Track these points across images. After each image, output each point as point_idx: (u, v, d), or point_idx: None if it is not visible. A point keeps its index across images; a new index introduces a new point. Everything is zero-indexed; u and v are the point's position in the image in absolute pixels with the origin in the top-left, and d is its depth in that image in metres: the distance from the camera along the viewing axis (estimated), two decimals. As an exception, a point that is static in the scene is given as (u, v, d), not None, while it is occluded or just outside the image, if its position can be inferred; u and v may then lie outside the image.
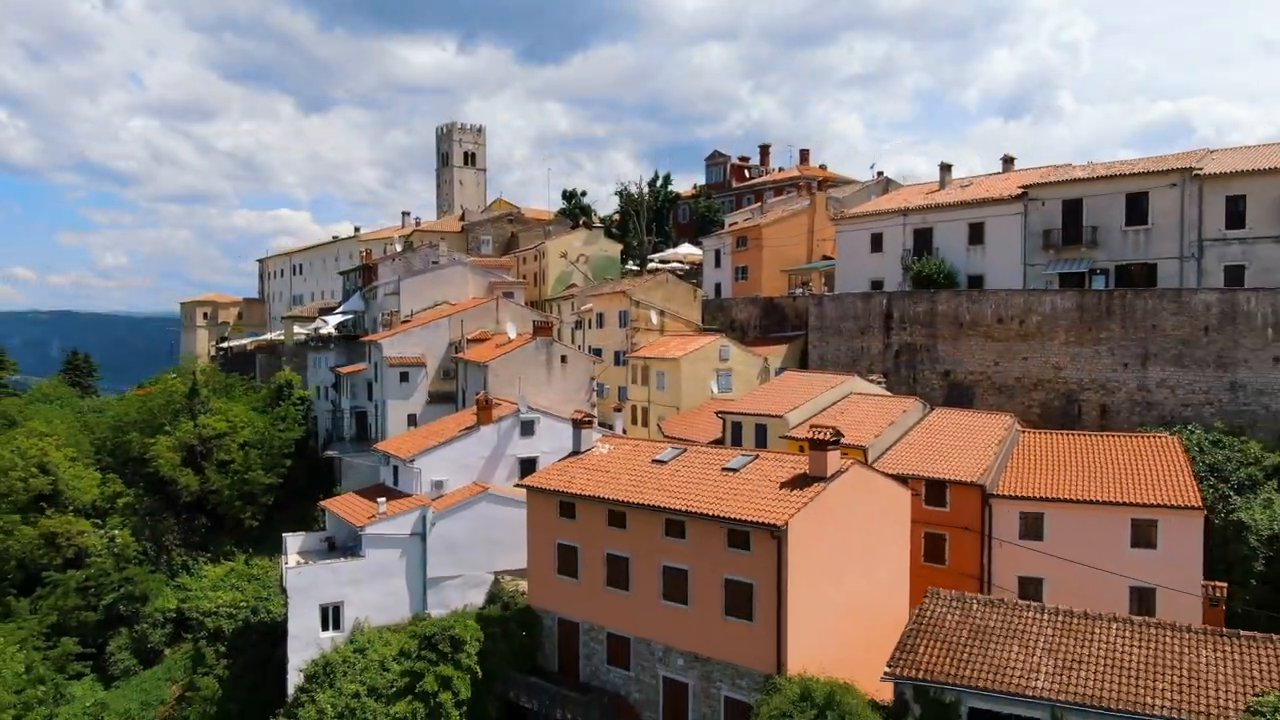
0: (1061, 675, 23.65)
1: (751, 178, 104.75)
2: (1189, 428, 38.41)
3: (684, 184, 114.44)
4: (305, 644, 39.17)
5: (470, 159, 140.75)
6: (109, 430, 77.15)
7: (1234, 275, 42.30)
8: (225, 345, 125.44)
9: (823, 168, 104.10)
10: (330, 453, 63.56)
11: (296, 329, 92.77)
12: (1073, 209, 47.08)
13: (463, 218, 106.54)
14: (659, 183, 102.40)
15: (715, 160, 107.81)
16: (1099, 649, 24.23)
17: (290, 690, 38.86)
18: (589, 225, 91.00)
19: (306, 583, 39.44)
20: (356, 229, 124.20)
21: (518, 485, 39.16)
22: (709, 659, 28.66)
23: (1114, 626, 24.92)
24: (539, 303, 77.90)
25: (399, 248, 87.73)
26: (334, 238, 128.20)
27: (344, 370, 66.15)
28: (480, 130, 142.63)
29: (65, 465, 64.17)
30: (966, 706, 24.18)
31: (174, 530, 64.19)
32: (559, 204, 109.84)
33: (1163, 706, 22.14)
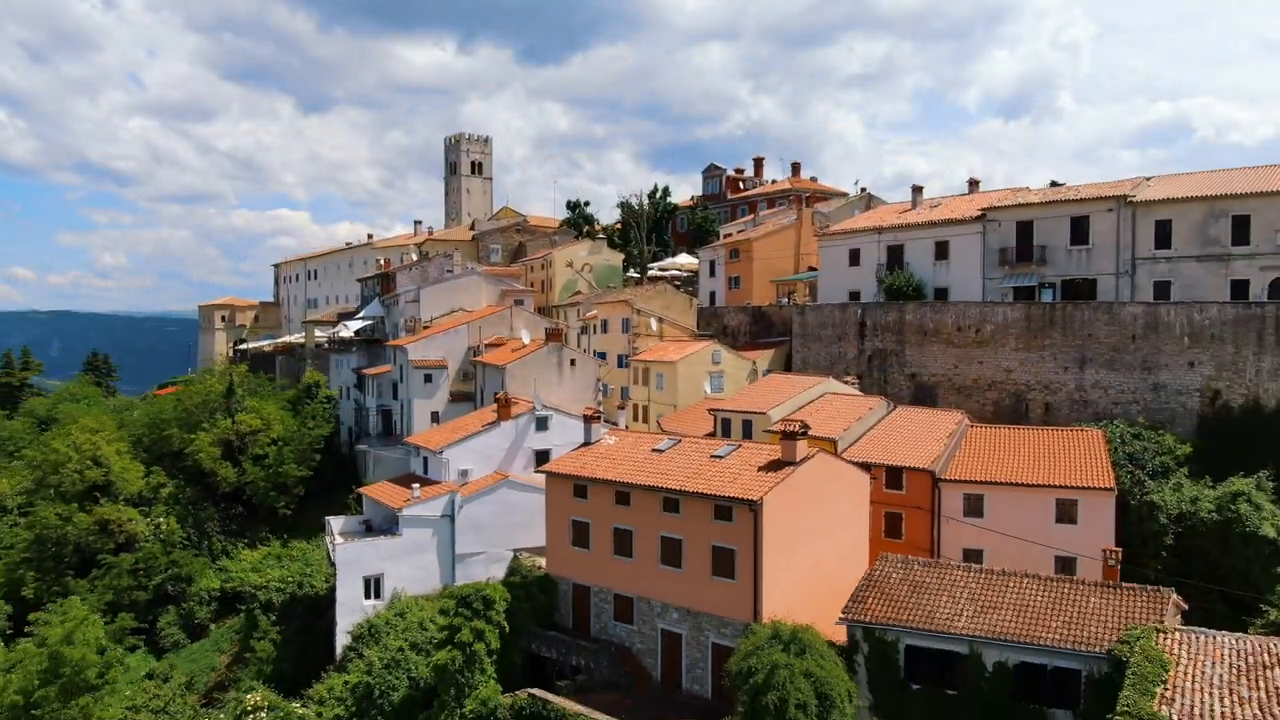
0: (978, 618, 29.64)
1: (746, 189, 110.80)
2: (1115, 423, 44.42)
3: (683, 183, 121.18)
4: (351, 610, 45.28)
5: (477, 168, 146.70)
6: (144, 427, 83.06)
7: (1161, 290, 48.33)
8: (243, 347, 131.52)
9: (813, 179, 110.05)
10: (361, 446, 69.33)
11: (317, 333, 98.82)
12: (1025, 229, 53.13)
13: (473, 227, 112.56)
14: (658, 194, 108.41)
15: (712, 172, 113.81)
16: (1010, 597, 30.23)
17: (338, 650, 44.92)
18: (593, 236, 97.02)
19: (352, 557, 45.51)
20: (370, 236, 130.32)
21: (538, 471, 45.09)
22: (699, 612, 34.65)
23: (1024, 581, 30.93)
24: (547, 309, 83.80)
25: (414, 256, 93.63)
26: (347, 244, 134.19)
27: (369, 371, 72.05)
28: (487, 140, 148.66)
29: (115, 459, 70.04)
30: (904, 644, 30.15)
31: (214, 518, 70.11)
32: (559, 203, 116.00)
33: (1054, 639, 28.14)
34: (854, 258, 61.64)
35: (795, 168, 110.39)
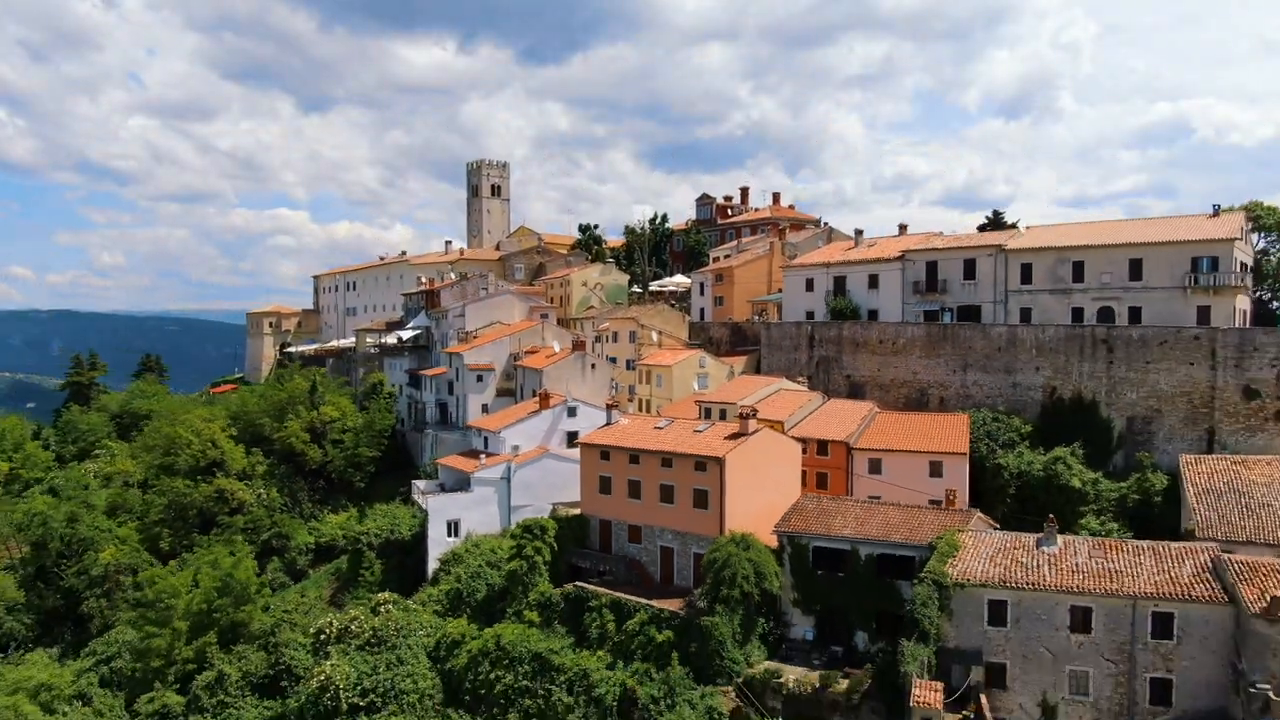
0: (857, 529, 47.51)
1: (733, 215, 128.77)
2: (983, 410, 62.31)
3: (682, 183, 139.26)
4: (438, 544, 63.18)
5: (496, 190, 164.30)
6: (227, 418, 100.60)
7: (1025, 314, 66.30)
8: (289, 350, 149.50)
9: (791, 207, 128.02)
10: (419, 432, 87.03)
11: (368, 339, 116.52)
12: (932, 267, 71.13)
13: (498, 247, 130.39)
14: (658, 220, 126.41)
15: (704, 200, 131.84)
16: (877, 517, 48.16)
17: (430, 572, 62.74)
18: (602, 258, 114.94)
19: (440, 507, 63.47)
20: (403, 253, 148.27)
21: (570, 447, 63.03)
22: (685, 533, 52.54)
23: (886, 508, 48.94)
24: (564, 321, 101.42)
25: (453, 276, 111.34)
26: (381, 258, 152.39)
27: (427, 373, 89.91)
28: (505, 165, 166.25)
29: (226, 442, 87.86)
30: (812, 545, 48.00)
31: (304, 489, 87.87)
32: (559, 202, 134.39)
33: (899, 538, 46.02)
34: (809, 285, 79.59)
35: (776, 197, 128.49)
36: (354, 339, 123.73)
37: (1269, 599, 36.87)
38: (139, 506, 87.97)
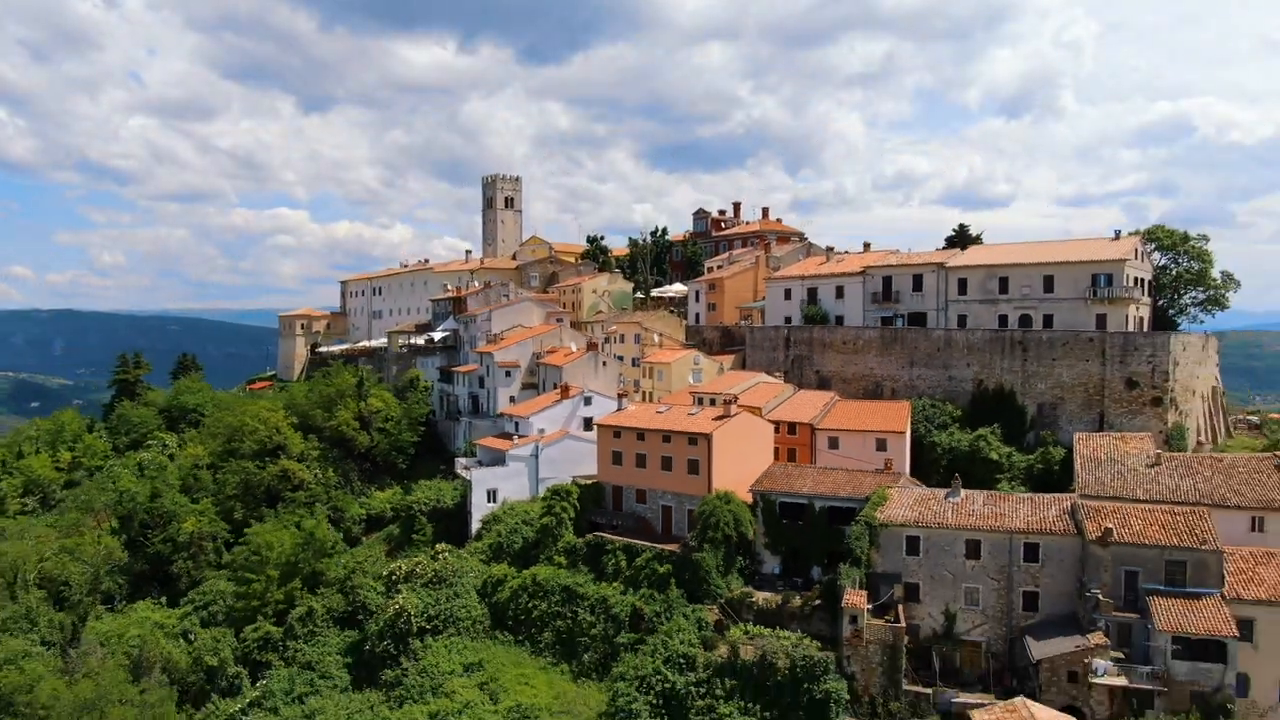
0: (814, 487, 61.66)
1: (726, 229, 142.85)
2: (923, 399, 76.43)
3: (683, 182, 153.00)
4: (479, 508, 77.27)
5: (509, 202, 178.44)
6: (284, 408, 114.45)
7: (961, 321, 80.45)
8: (319, 350, 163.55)
9: (778, 221, 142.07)
10: (462, 419, 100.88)
11: (399, 340, 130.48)
12: (888, 280, 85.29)
13: (514, 256, 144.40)
14: (659, 233, 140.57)
15: (700, 214, 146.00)
16: (829, 478, 62.30)
17: (473, 531, 76.82)
18: (609, 268, 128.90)
19: (481, 478, 77.57)
20: (425, 261, 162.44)
21: (588, 428, 77.09)
22: (680, 493, 66.67)
23: (834, 473, 63.08)
24: (577, 324, 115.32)
25: (477, 284, 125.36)
26: (402, 264, 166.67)
27: (460, 369, 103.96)
28: (517, 179, 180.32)
29: (287, 429, 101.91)
30: (779, 500, 62.13)
31: (353, 470, 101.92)
32: (559, 201, 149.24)
33: (845, 494, 60.13)
34: (787, 294, 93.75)
35: (765, 212, 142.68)
36: (385, 339, 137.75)
37: (1102, 530, 51.06)
38: (211, 485, 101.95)
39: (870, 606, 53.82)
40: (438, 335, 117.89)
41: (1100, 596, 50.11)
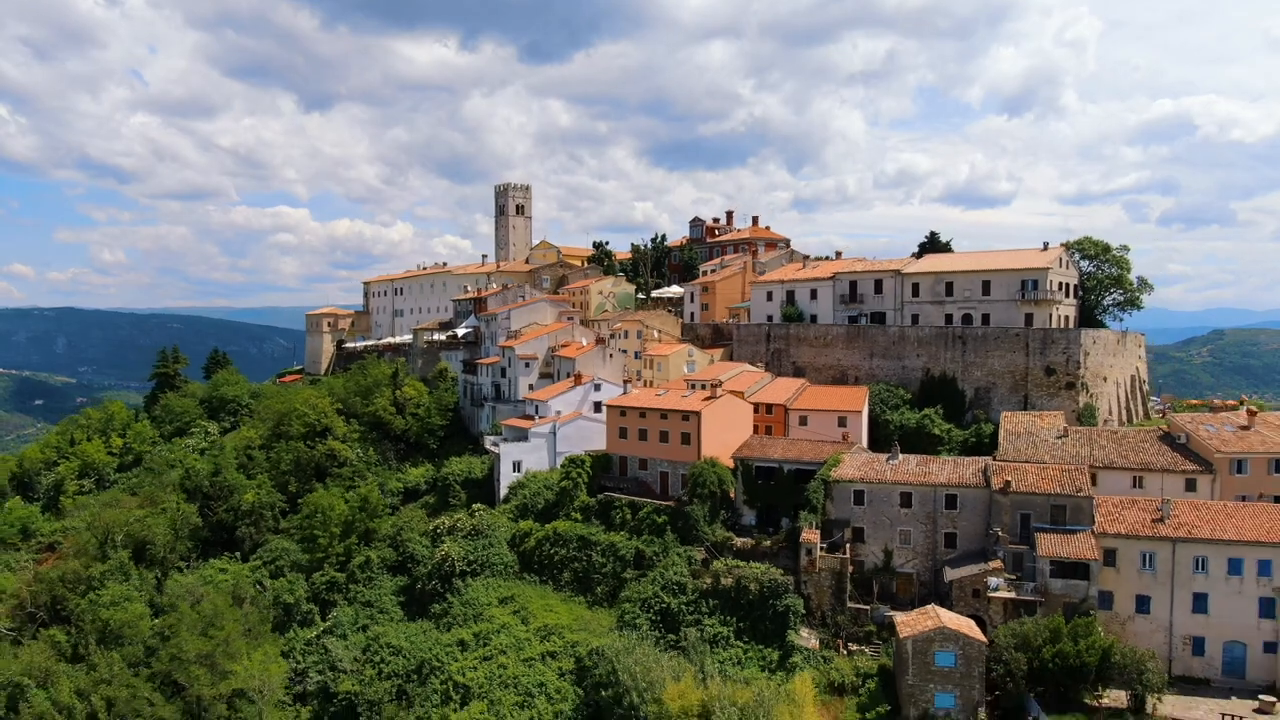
0: (784, 454, 76.04)
1: (719, 235, 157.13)
2: (880, 384, 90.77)
3: (684, 180, 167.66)
4: (507, 477, 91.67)
5: (520, 209, 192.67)
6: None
7: (914, 319, 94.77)
8: (345, 346, 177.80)
9: (767, 228, 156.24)
10: (486, 404, 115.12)
11: (424, 337, 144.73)
12: (853, 284, 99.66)
13: (528, 260, 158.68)
14: (659, 239, 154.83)
15: (695, 222, 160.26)
16: (795, 446, 76.68)
17: (502, 495, 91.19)
18: (613, 271, 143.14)
19: (508, 451, 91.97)
20: (443, 264, 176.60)
21: (598, 411, 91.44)
22: (675, 460, 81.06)
23: (799, 441, 77.47)
24: (585, 321, 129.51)
25: (495, 285, 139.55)
26: (419, 266, 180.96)
27: (483, 361, 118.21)
28: (527, 188, 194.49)
29: (332, 414, 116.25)
30: (755, 465, 76.49)
31: (390, 449, 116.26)
32: (560, 199, 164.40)
33: (808, 459, 74.50)
34: (769, 296, 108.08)
35: (755, 220, 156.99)
36: (410, 336, 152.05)
37: (1004, 482, 65.42)
38: (265, 463, 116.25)
39: (824, 544, 68.22)
40: (461, 331, 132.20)
41: (1001, 533, 64.50)
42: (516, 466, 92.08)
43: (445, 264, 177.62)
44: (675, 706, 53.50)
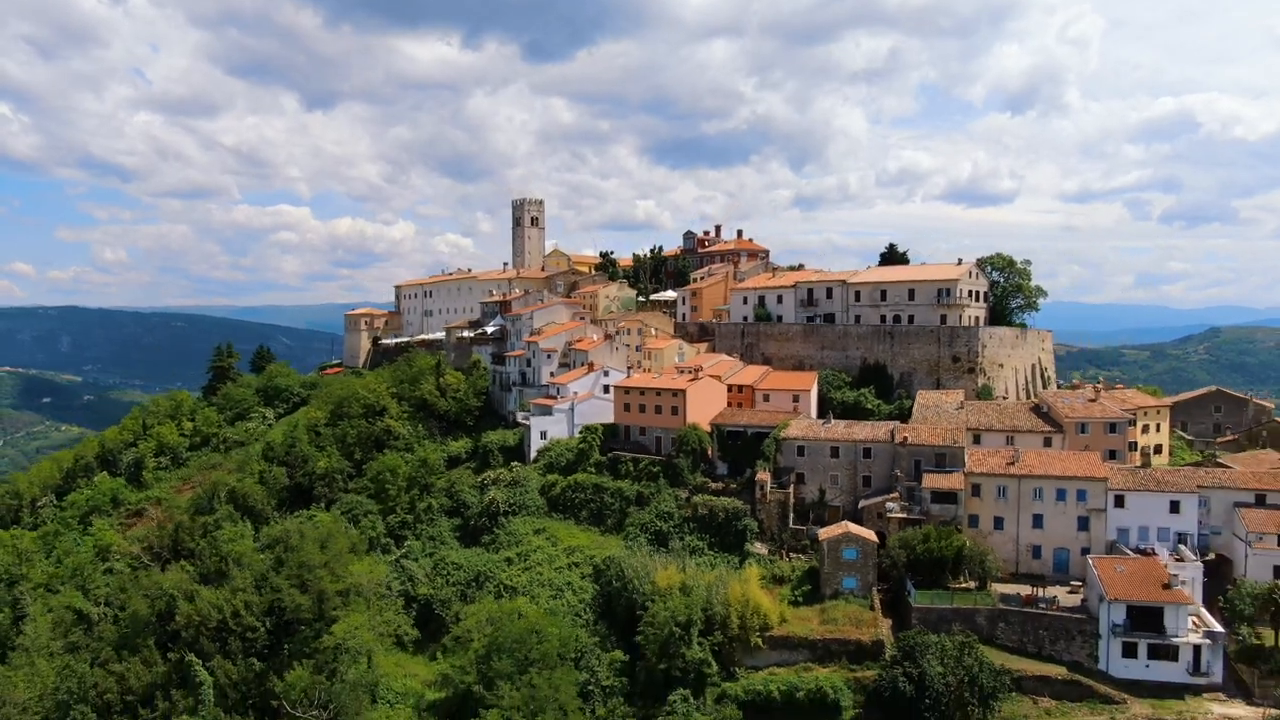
0: (748, 420, 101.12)
1: (709, 246, 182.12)
2: (828, 370, 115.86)
3: (686, 179, 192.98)
4: (536, 442, 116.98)
5: (534, 221, 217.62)
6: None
7: (857, 319, 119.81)
8: (381, 343, 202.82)
9: (750, 240, 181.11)
10: (513, 388, 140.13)
11: (456, 334, 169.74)
12: (810, 291, 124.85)
13: (543, 268, 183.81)
14: (657, 250, 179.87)
15: (688, 235, 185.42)
16: (758, 414, 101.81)
17: (532, 457, 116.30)
18: (616, 278, 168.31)
19: (537, 424, 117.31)
20: (469, 269, 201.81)
21: (607, 392, 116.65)
22: (667, 428, 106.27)
23: (763, 411, 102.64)
24: (594, 320, 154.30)
25: (516, 290, 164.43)
26: (443, 271, 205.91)
27: (510, 354, 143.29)
28: (540, 202, 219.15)
29: (387, 397, 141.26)
30: (727, 429, 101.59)
31: (435, 426, 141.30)
32: (562, 197, 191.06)
33: (762, 424, 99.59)
34: (745, 300, 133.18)
35: (739, 233, 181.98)
36: (443, 334, 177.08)
37: (902, 438, 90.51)
38: (331, 436, 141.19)
39: (775, 484, 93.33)
40: (490, 329, 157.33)
41: (899, 474, 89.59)
42: (543, 435, 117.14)
43: (470, 270, 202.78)
44: (663, 584, 78.69)
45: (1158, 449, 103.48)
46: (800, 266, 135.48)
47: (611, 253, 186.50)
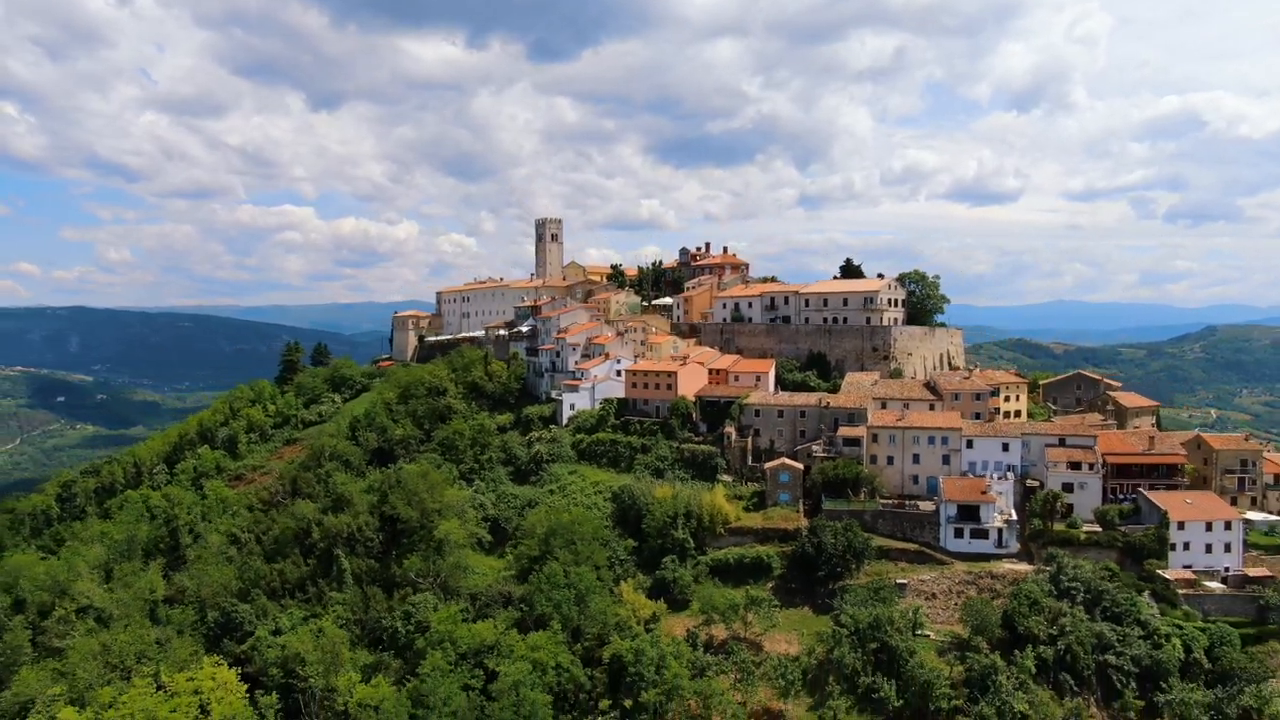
0: (722, 393, 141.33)
1: (700, 259, 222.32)
2: (784, 358, 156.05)
3: (691, 179, 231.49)
4: (566, 413, 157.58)
5: (554, 237, 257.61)
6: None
7: (806, 320, 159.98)
8: (426, 340, 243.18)
9: (734, 255, 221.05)
10: (545, 374, 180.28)
11: (494, 332, 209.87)
12: (773, 299, 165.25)
13: (564, 278, 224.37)
14: (658, 263, 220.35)
15: (683, 251, 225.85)
16: (730, 388, 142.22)
17: (564, 422, 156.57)
18: (623, 285, 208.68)
19: (567, 399, 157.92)
20: (500, 278, 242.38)
21: (618, 375, 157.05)
22: (664, 399, 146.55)
23: (733, 385, 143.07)
24: (607, 321, 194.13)
25: (544, 297, 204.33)
26: (475, 278, 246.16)
27: (543, 348, 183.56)
28: (560, 221, 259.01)
29: (447, 381, 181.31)
30: (706, 399, 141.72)
31: (484, 403, 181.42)
32: (566, 196, 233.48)
33: (729, 396, 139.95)
34: (724, 305, 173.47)
35: (725, 249, 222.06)
36: (482, 332, 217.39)
37: (826, 404, 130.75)
38: (403, 411, 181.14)
39: (738, 436, 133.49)
40: (524, 328, 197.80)
41: (823, 428, 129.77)
42: (572, 406, 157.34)
43: (502, 279, 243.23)
44: (659, 495, 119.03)
45: (1018, 413, 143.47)
46: (772, 279, 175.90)
47: (620, 265, 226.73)
